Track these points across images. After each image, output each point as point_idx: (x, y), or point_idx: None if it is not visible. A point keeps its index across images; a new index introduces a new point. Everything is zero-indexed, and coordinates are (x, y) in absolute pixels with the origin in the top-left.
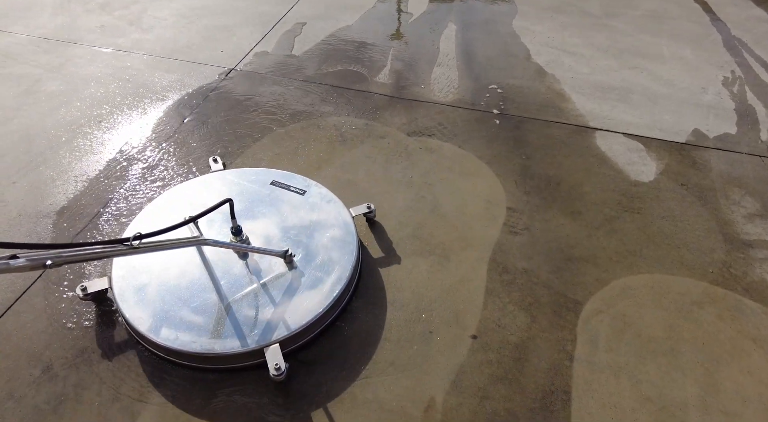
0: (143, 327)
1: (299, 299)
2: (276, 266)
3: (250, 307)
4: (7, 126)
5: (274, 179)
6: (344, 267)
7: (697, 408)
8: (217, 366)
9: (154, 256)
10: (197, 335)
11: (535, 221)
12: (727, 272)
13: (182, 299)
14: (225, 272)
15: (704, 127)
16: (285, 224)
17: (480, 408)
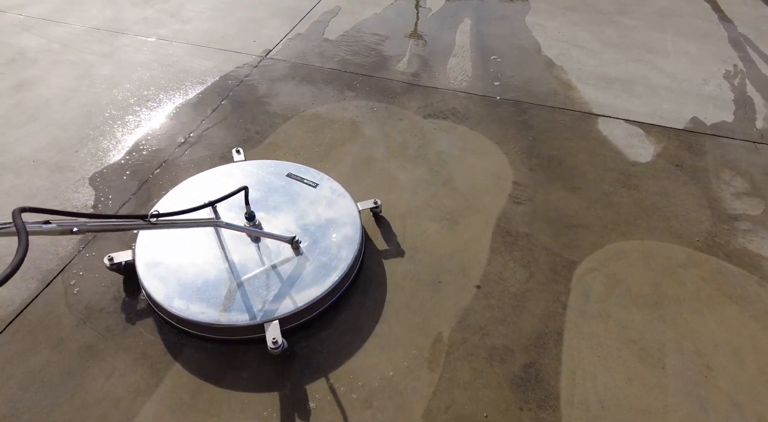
0: (159, 296)
1: (302, 282)
2: (284, 251)
3: (256, 286)
4: (68, 104)
5: (290, 171)
6: (347, 256)
7: (673, 349)
8: (224, 337)
9: (175, 235)
10: (206, 307)
11: (538, 193)
12: (712, 240)
13: (196, 274)
14: (237, 253)
15: (702, 115)
16: (296, 214)
17: (481, 342)
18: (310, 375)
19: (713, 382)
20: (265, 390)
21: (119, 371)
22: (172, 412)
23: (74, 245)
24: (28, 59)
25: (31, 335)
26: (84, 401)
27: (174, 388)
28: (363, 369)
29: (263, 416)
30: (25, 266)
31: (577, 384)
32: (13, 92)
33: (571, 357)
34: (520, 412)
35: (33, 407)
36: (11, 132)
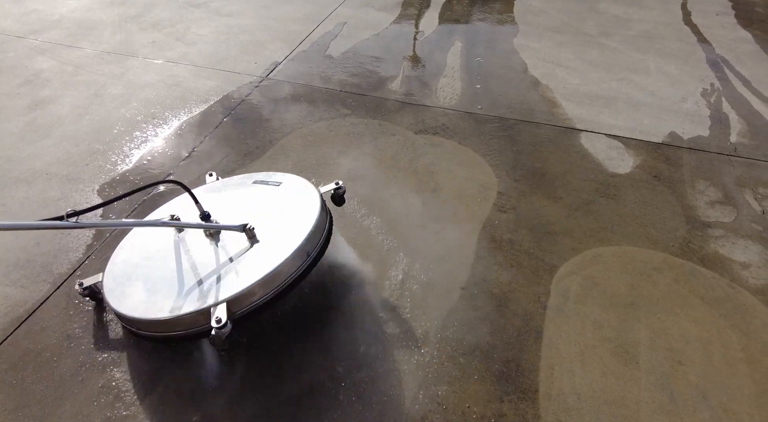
0: (118, 306)
1: (254, 264)
2: (241, 243)
3: (212, 278)
4: (80, 121)
5: (256, 179)
6: (301, 234)
7: (646, 346)
8: (177, 333)
9: (140, 251)
10: (161, 305)
11: (521, 202)
12: (686, 246)
13: (157, 279)
14: (198, 255)
15: (680, 130)
16: (257, 210)
17: (465, 339)
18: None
19: (683, 375)
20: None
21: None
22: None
23: (84, 250)
24: (42, 80)
25: (43, 331)
26: (89, 393)
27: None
28: (345, 356)
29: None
30: (37, 269)
31: (555, 377)
32: (28, 111)
33: (550, 353)
34: (501, 403)
35: (43, 399)
36: (26, 147)
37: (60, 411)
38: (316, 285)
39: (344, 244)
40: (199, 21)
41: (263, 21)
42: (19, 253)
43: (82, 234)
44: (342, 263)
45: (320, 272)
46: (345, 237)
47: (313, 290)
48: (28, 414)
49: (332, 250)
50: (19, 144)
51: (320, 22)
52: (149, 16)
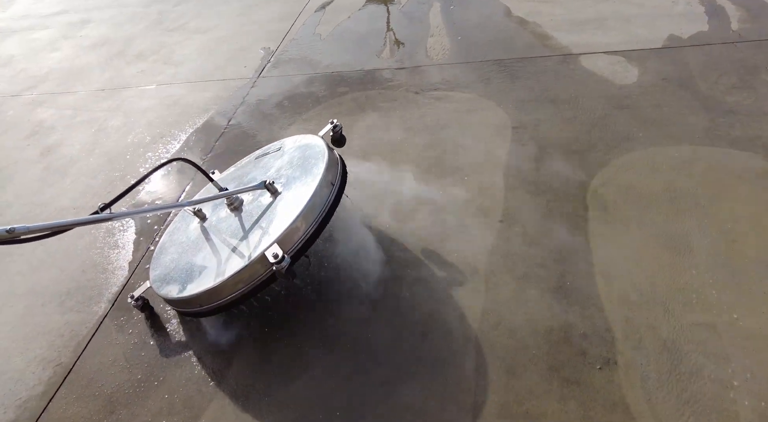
0: (174, 295)
1: (288, 207)
2: (264, 200)
3: (246, 240)
4: (92, 156)
5: (256, 155)
6: (318, 170)
7: (696, 233)
8: (242, 291)
9: (173, 248)
10: (208, 280)
11: (538, 132)
12: (712, 134)
13: (195, 265)
14: (226, 229)
15: (678, 31)
16: (268, 174)
17: (514, 266)
18: None
19: (740, 252)
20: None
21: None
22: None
23: (128, 267)
24: (46, 128)
25: (109, 346)
26: (171, 387)
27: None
28: (409, 309)
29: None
30: (89, 293)
31: (613, 280)
32: (41, 158)
33: (602, 261)
34: (566, 314)
35: (128, 404)
36: (48, 190)
37: (144, 410)
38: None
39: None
40: (180, 43)
41: (242, 28)
42: (69, 282)
43: (124, 254)
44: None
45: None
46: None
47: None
48: (117, 419)
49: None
50: (41, 189)
51: (297, 16)
52: (132, 50)
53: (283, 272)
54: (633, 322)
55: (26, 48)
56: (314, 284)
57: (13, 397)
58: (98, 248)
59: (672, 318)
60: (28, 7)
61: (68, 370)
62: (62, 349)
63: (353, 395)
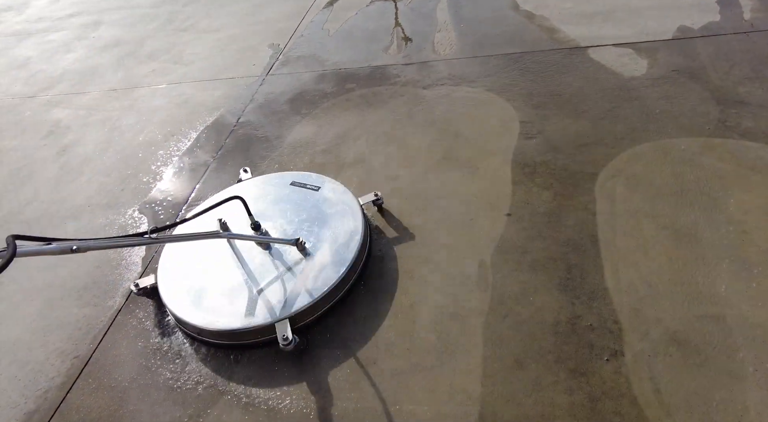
0: (179, 311)
1: (310, 279)
2: (293, 253)
3: (267, 291)
4: (106, 154)
5: (293, 179)
6: (351, 248)
7: (706, 225)
8: (238, 343)
9: (191, 252)
10: (221, 315)
11: (546, 126)
12: (723, 125)
13: (213, 287)
14: (250, 262)
15: (689, 22)
16: (301, 217)
17: (522, 258)
18: (372, 322)
19: (751, 242)
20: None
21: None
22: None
23: (140, 262)
24: (62, 128)
25: (124, 338)
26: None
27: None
28: (416, 304)
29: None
30: (104, 287)
31: (621, 273)
32: (57, 157)
33: (610, 253)
34: (573, 307)
35: (143, 396)
36: (64, 188)
37: (158, 400)
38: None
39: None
40: (190, 42)
41: (250, 27)
42: (85, 278)
43: (137, 250)
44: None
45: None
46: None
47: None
48: (133, 410)
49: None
50: (57, 187)
51: (304, 15)
52: (143, 50)
53: (289, 351)
54: (641, 314)
55: (42, 50)
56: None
57: (33, 388)
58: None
59: (680, 310)
60: (42, 9)
61: (85, 362)
62: (79, 342)
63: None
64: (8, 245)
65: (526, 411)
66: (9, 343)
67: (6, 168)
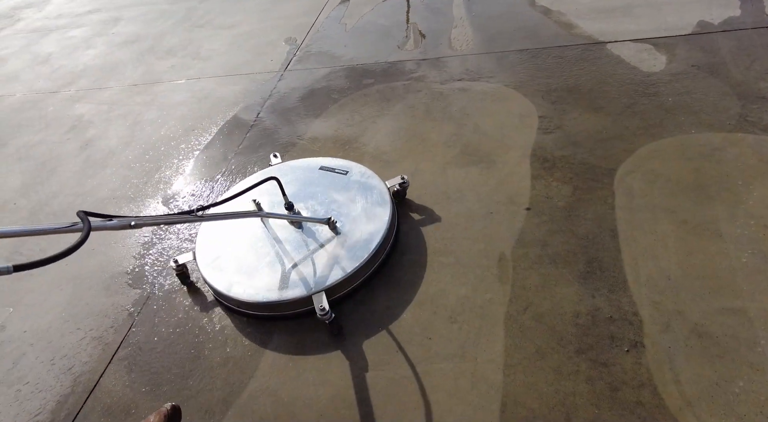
0: (219, 286)
1: (343, 255)
2: (324, 232)
3: (301, 266)
4: (129, 148)
5: (322, 164)
6: (380, 227)
7: (726, 219)
8: (278, 314)
9: (226, 231)
10: (260, 288)
11: (564, 121)
12: (744, 121)
13: (249, 262)
14: (285, 239)
15: (708, 17)
16: (331, 199)
17: (543, 252)
18: (395, 308)
19: None
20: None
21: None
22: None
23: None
24: (85, 123)
25: (162, 309)
26: (209, 363)
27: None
28: (439, 294)
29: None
30: (134, 274)
31: (640, 266)
32: (80, 151)
33: (629, 246)
34: (593, 299)
35: (182, 362)
36: (88, 182)
37: (188, 384)
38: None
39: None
40: (208, 38)
41: (267, 23)
42: (113, 267)
43: (165, 236)
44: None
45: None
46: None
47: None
48: (164, 392)
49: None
50: (81, 180)
51: (321, 10)
52: (162, 46)
53: (327, 323)
54: (661, 306)
55: (63, 46)
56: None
57: (68, 372)
58: (139, 234)
59: (701, 303)
60: (62, 6)
61: (116, 348)
62: (109, 329)
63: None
64: (83, 221)
65: (547, 400)
66: (42, 330)
67: (32, 162)
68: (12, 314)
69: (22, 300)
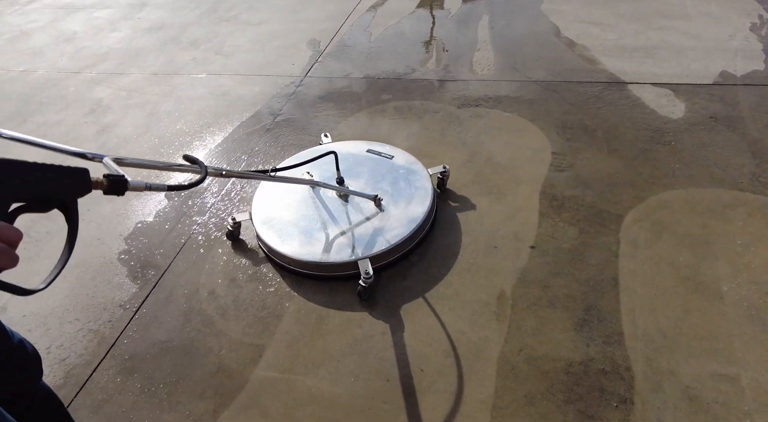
0: (274, 244)
1: (385, 230)
2: (369, 208)
3: (349, 234)
4: (143, 138)
5: (369, 147)
6: (421, 209)
7: (729, 280)
8: (326, 274)
9: (280, 196)
10: (312, 250)
11: (577, 160)
12: (757, 181)
13: (300, 226)
14: (332, 209)
15: (732, 68)
16: (377, 179)
17: (543, 293)
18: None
19: None
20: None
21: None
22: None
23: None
24: (104, 107)
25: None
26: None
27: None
28: (434, 328)
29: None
30: (137, 268)
31: (638, 319)
32: (97, 136)
33: (629, 298)
34: (588, 348)
35: (201, 325)
36: (102, 169)
37: (184, 388)
38: None
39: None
40: (232, 34)
41: (292, 25)
42: (117, 258)
43: (167, 229)
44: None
45: None
46: None
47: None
48: (155, 394)
49: None
50: (97, 166)
51: (347, 17)
52: (186, 37)
53: (367, 286)
54: (654, 364)
55: (88, 26)
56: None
57: (62, 363)
58: (146, 224)
59: (695, 365)
60: None
61: (111, 344)
62: (107, 323)
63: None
64: (197, 163)
65: None
66: (41, 317)
67: (50, 141)
68: (14, 296)
69: (27, 283)
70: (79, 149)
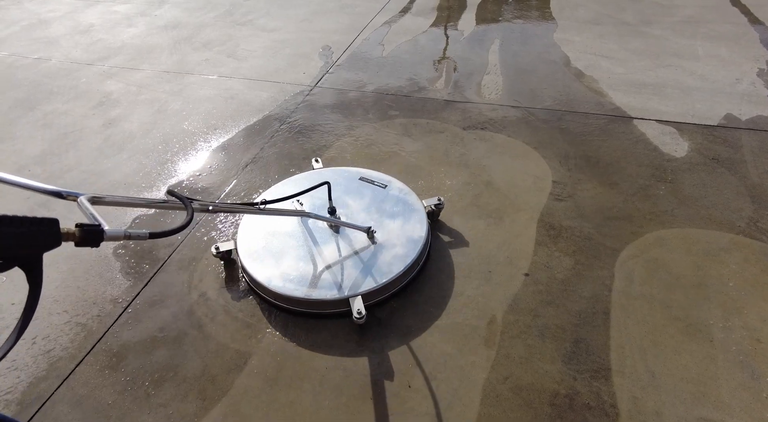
0: (259, 276)
1: (378, 265)
2: (361, 240)
3: (340, 268)
4: (149, 135)
5: (362, 175)
6: (416, 244)
7: (720, 325)
8: (312, 311)
9: (266, 225)
10: (299, 285)
11: (577, 190)
12: (755, 226)
13: (288, 258)
14: (322, 241)
15: (737, 111)
16: (370, 210)
17: (533, 322)
18: (388, 346)
19: (764, 354)
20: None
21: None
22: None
23: (167, 255)
24: (112, 101)
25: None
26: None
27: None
28: (424, 346)
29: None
30: (131, 266)
31: (627, 356)
32: (103, 129)
33: (619, 333)
34: (574, 381)
35: (190, 327)
36: (105, 162)
37: (166, 390)
38: None
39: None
40: (246, 38)
41: (306, 34)
42: (110, 253)
43: None
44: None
45: None
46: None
47: None
48: (138, 394)
49: None
50: (99, 159)
51: (360, 31)
52: (200, 37)
53: (360, 324)
54: (640, 403)
55: (105, 19)
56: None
57: (46, 354)
58: (143, 220)
59: (681, 407)
60: None
61: (98, 339)
62: (96, 317)
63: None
64: (181, 200)
65: None
66: None
67: (55, 131)
68: (4, 283)
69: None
70: (54, 187)
